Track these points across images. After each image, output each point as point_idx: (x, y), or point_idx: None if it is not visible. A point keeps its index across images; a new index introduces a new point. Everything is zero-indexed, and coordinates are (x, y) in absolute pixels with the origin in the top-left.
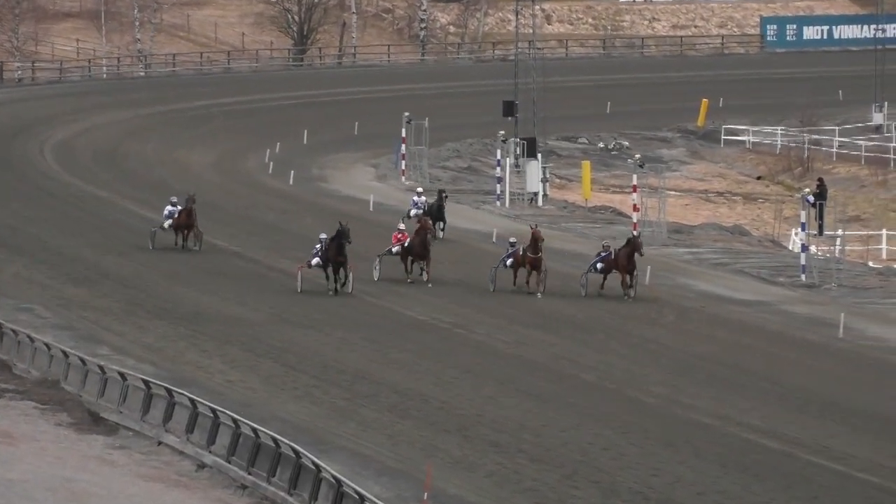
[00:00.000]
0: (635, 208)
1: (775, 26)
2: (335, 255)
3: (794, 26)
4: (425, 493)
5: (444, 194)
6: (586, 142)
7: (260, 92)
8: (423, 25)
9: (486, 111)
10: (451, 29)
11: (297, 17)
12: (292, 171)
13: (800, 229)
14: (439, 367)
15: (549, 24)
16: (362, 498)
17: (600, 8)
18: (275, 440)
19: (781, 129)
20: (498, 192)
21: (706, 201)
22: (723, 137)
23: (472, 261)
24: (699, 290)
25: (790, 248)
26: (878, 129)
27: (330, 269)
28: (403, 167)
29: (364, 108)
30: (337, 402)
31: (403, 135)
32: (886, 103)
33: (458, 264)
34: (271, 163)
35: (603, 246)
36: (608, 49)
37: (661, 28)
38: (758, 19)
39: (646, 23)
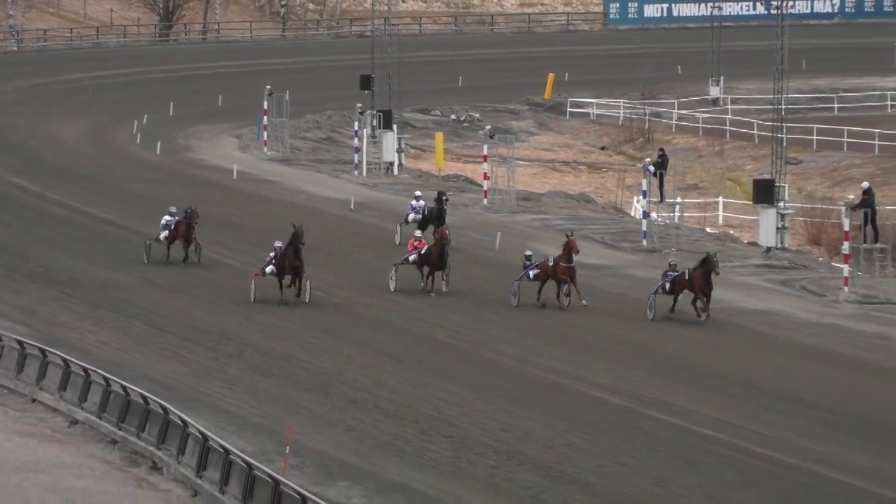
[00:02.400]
0: (486, 177)
1: (618, 4)
2: (291, 260)
3: (636, 4)
4: (287, 448)
5: (444, 198)
6: (439, 114)
7: (128, 66)
8: (283, 2)
9: (344, 85)
10: (311, 6)
11: None
12: (159, 142)
13: (641, 197)
14: (301, 329)
15: (403, 2)
16: (227, 452)
17: None
18: (144, 397)
19: (624, 102)
20: (356, 161)
21: (553, 170)
22: (568, 110)
23: (331, 230)
24: (546, 255)
25: (632, 214)
26: (714, 101)
27: (286, 279)
28: (265, 138)
29: (227, 82)
30: (203, 362)
31: (265, 107)
32: (722, 78)
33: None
34: (139, 134)
35: (669, 265)
36: (460, 26)
37: (509, 6)
38: None
39: (495, 1)
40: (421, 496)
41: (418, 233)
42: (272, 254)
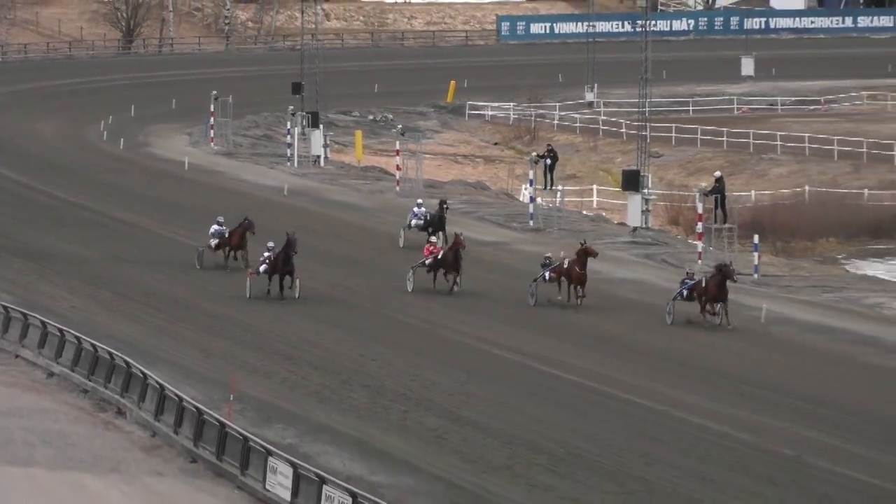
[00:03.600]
0: (398, 168)
1: (508, 23)
2: (283, 265)
3: (523, 23)
4: (231, 396)
5: (444, 205)
6: (358, 115)
7: (95, 75)
8: (226, 21)
9: (278, 91)
10: (250, 24)
11: (125, 14)
12: (122, 139)
13: (528, 185)
14: (244, 297)
15: (328, 21)
16: (180, 399)
17: (369, 7)
18: (110, 353)
19: (514, 105)
20: (288, 154)
21: (454, 163)
22: (467, 112)
23: (267, 212)
24: (449, 234)
25: (521, 199)
26: (589, 105)
27: (276, 279)
28: (212, 135)
29: (180, 88)
30: (160, 324)
31: (212, 109)
32: (596, 85)
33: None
34: (106, 132)
35: (687, 273)
36: (375, 41)
37: (417, 24)
38: (494, 17)
39: (405, 20)
40: (343, 436)
41: (433, 238)
42: (266, 254)
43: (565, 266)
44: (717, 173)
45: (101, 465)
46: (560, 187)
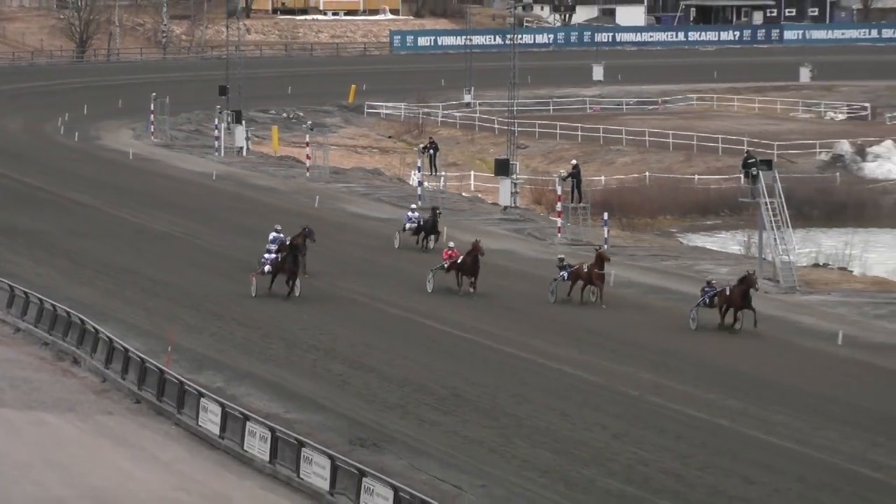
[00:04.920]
0: (308, 157)
1: (399, 37)
2: (291, 266)
3: (412, 37)
4: (169, 347)
5: (437, 211)
6: (274, 113)
7: (54, 79)
8: (164, 34)
9: (207, 93)
10: (184, 37)
11: (79, 29)
12: (77, 133)
13: (416, 171)
14: (180, 263)
15: (248, 34)
16: (126, 350)
17: (283, 23)
18: (67, 312)
19: (404, 105)
20: (216, 146)
21: (355, 153)
22: (366, 110)
23: (198, 193)
24: (351, 212)
25: (411, 183)
26: (467, 105)
27: (280, 279)
28: (152, 130)
29: (125, 91)
30: (109, 287)
31: (152, 108)
32: (473, 88)
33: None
34: (62, 127)
35: (707, 282)
36: (289, 51)
37: (324, 37)
38: (388, 32)
39: (314, 34)
40: (263, 380)
41: (451, 244)
42: (268, 256)
43: (584, 270)
44: (574, 161)
45: (60, 406)
46: (443, 173)
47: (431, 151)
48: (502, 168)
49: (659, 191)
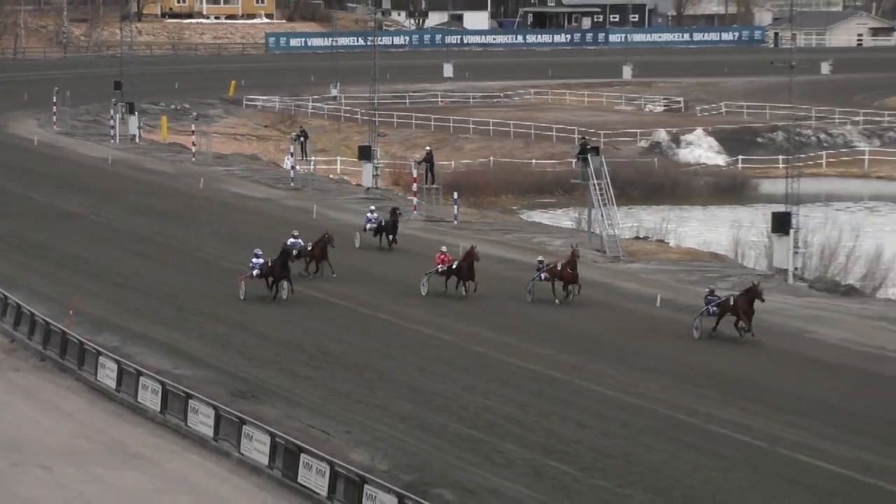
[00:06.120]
0: (193, 143)
1: (274, 38)
2: (279, 271)
3: (285, 38)
4: (71, 311)
5: (398, 211)
6: (163, 105)
7: None
8: (65, 35)
9: (104, 87)
10: (82, 38)
11: None
12: None
13: (289, 156)
14: (86, 238)
15: (140, 35)
16: (33, 314)
17: (171, 26)
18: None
19: (278, 98)
20: (112, 134)
21: (235, 140)
22: (244, 103)
23: (96, 175)
24: (232, 192)
25: (284, 167)
26: (334, 98)
27: (271, 281)
28: (55, 120)
29: (31, 86)
30: (22, 260)
31: (55, 100)
32: (339, 83)
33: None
34: None
35: (709, 289)
36: (176, 50)
37: (207, 38)
38: (264, 34)
39: (198, 35)
40: (155, 341)
41: (444, 248)
42: (255, 260)
43: (558, 268)
44: (427, 148)
45: None
46: (313, 158)
47: (302, 139)
48: (365, 153)
49: (502, 173)
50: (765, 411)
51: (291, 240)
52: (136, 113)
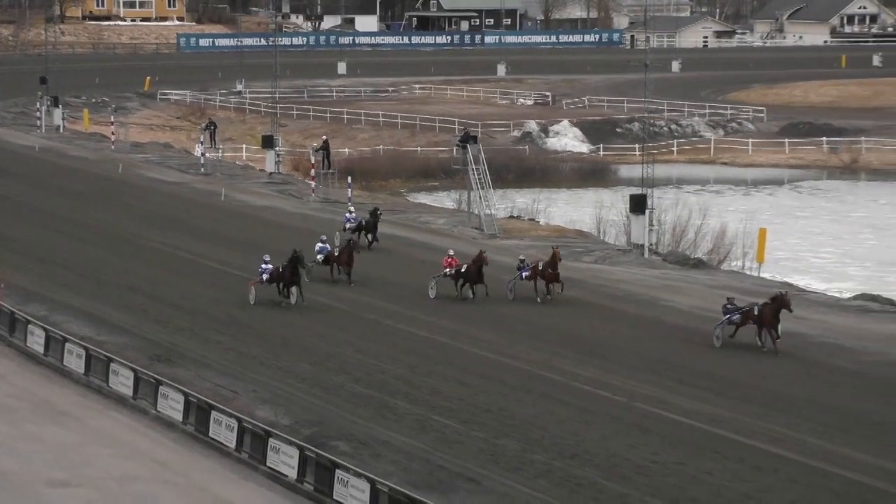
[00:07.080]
0: (112, 133)
1: (185, 38)
2: (290, 276)
3: (195, 39)
4: (1, 284)
5: (378, 212)
6: (85, 98)
7: None
8: None
9: (31, 82)
10: (10, 38)
11: None
12: None
13: (200, 144)
14: (12, 219)
15: (63, 36)
16: None
17: (91, 27)
18: None
19: (189, 92)
20: (38, 124)
21: (150, 130)
22: (159, 96)
23: (25, 162)
24: (148, 176)
25: (195, 154)
26: (239, 93)
27: (281, 286)
28: None
29: None
30: None
31: None
32: (244, 79)
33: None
34: None
35: (728, 299)
36: (96, 49)
37: (124, 39)
38: (175, 35)
39: (116, 36)
40: (80, 311)
41: (451, 251)
42: (264, 266)
43: (539, 268)
44: (324, 137)
45: None
46: (221, 146)
47: (212, 129)
48: (268, 142)
49: (390, 160)
50: (622, 370)
51: (319, 244)
52: (61, 106)
